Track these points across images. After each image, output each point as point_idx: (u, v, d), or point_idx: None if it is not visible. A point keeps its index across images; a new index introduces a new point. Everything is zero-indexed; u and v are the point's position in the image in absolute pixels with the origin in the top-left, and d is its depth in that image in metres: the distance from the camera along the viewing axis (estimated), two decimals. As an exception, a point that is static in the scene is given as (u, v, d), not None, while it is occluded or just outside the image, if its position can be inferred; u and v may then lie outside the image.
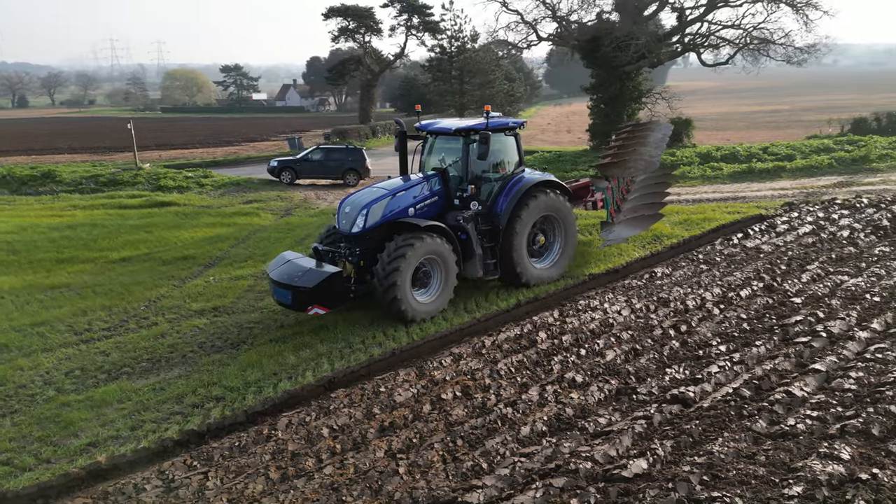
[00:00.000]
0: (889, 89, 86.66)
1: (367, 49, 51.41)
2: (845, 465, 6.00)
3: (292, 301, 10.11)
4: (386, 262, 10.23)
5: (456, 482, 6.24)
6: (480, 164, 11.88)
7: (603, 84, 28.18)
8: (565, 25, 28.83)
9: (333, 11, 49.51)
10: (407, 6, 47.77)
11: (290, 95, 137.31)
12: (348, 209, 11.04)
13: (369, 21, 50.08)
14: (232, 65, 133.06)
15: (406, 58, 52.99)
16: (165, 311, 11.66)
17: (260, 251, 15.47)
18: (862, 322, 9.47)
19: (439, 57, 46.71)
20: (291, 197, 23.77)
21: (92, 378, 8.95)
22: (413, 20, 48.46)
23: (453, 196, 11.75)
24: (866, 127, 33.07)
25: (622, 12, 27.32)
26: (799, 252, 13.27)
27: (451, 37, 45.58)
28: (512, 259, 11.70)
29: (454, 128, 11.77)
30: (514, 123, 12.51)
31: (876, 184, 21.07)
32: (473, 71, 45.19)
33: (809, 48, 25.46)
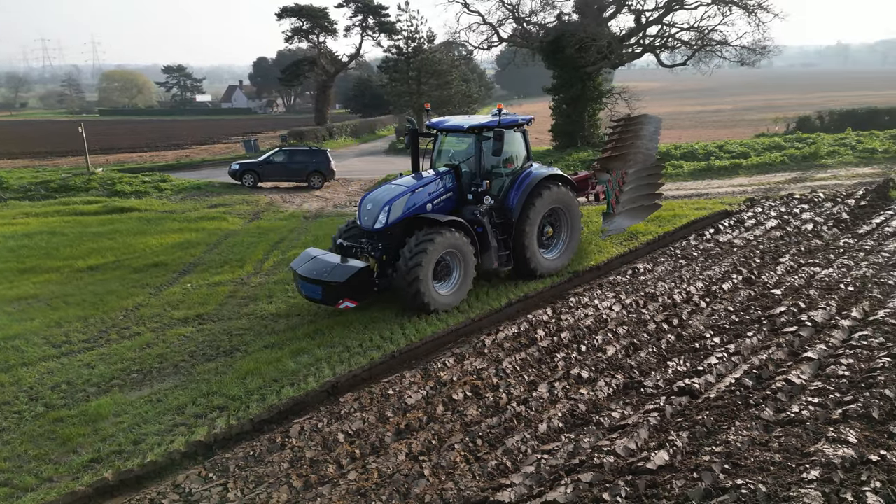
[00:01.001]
0: (823, 89, 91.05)
1: (321, 50, 50.77)
2: (854, 448, 6.27)
3: (323, 295, 10.42)
4: (408, 257, 10.51)
5: (483, 482, 6.25)
6: (492, 160, 12.18)
7: (565, 85, 28.66)
8: (526, 27, 29.17)
9: (287, 11, 48.75)
10: (362, 7, 47.44)
11: (237, 97, 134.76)
12: (370, 206, 11.24)
13: (324, 21, 49.52)
14: (175, 65, 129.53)
15: (361, 58, 52.50)
16: (146, 320, 11.27)
17: (235, 256, 15.12)
18: (842, 311, 9.91)
19: (396, 58, 46.52)
20: (257, 200, 23.30)
21: (81, 392, 8.58)
22: (368, 21, 48.16)
23: (466, 191, 12.09)
24: (810, 125, 34.58)
25: (583, 14, 27.83)
26: (769, 246, 13.78)
27: (407, 37, 45.46)
28: (524, 250, 12.16)
29: (467, 125, 12.07)
30: (523, 120, 12.94)
31: (827, 179, 22.08)
32: (430, 72, 45.19)
33: (761, 49, 26.51)
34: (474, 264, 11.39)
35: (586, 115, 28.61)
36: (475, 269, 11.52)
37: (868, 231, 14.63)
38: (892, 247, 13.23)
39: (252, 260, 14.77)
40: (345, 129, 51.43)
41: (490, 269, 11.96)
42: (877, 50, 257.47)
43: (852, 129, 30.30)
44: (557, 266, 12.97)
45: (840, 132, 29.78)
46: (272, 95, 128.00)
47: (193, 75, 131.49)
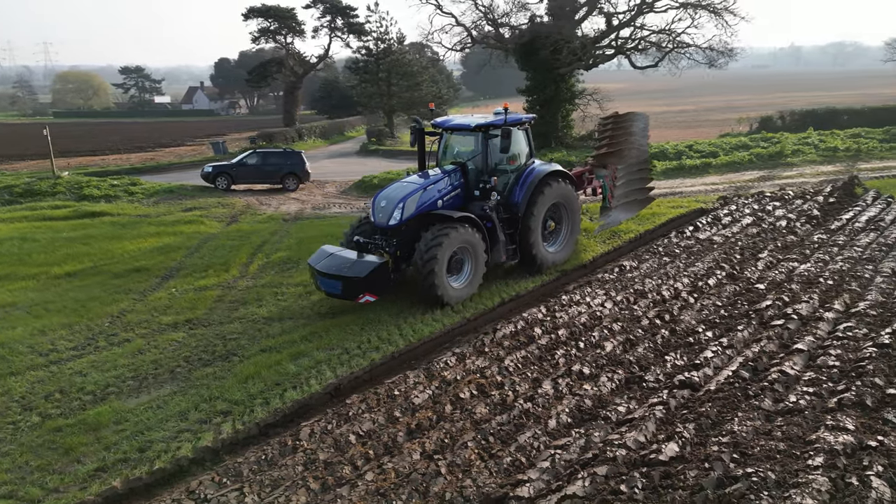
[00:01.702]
0: (779, 90, 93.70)
1: (289, 51, 50.26)
2: (853, 434, 6.53)
3: (343, 290, 10.72)
4: (423, 252, 10.84)
5: (501, 478, 6.33)
6: (497, 158, 12.58)
7: (538, 86, 28.98)
8: (498, 29, 29.39)
9: (254, 12, 48.13)
10: (331, 7, 47.11)
11: (198, 98, 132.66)
12: (384, 203, 11.53)
13: (291, 22, 49.01)
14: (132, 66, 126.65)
15: (331, 59, 52.13)
16: (134, 326, 11.06)
17: (218, 260, 14.91)
18: (825, 304, 10.28)
19: (365, 59, 46.33)
20: (233, 203, 22.98)
21: (76, 400, 8.39)
22: (337, 22, 47.84)
23: (473, 188, 12.38)
24: (773, 125, 35.62)
25: (556, 16, 28.17)
26: (747, 242, 14.19)
27: (377, 39, 45.33)
28: (529, 244, 12.60)
29: (474, 124, 12.39)
30: (527, 119, 13.33)
31: (794, 177, 22.82)
32: (401, 73, 45.15)
33: (728, 51, 27.27)
34: (485, 259, 11.77)
35: (560, 115, 29.00)
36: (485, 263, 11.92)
37: (839, 227, 15.18)
38: (863, 241, 13.75)
39: (236, 263, 14.60)
40: (314, 130, 51.02)
41: (498, 262, 12.36)
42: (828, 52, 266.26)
43: (813, 128, 31.35)
44: (560, 259, 13.47)
45: (801, 132, 30.80)
46: (235, 97, 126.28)
47: (152, 76, 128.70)
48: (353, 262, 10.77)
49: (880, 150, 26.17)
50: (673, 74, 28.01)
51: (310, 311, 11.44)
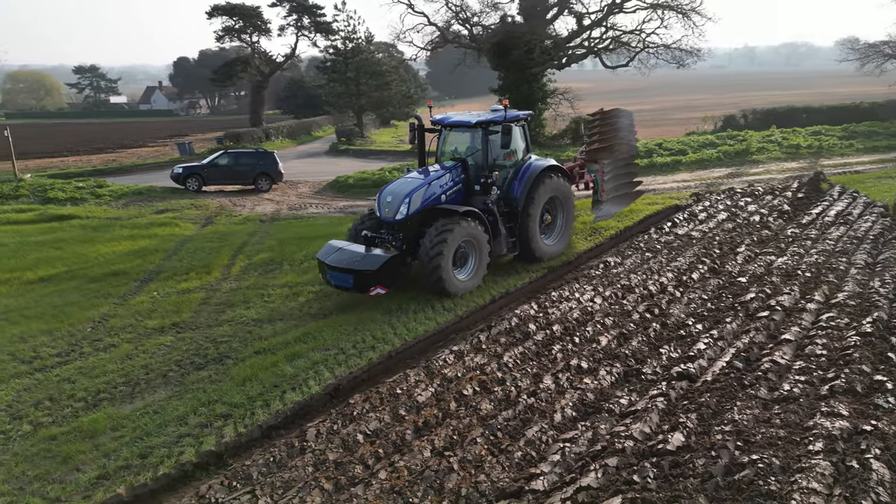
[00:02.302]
0: (735, 89, 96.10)
1: (255, 49, 49.54)
2: (848, 420, 6.78)
3: (354, 283, 10.97)
4: (430, 245, 11.13)
5: (514, 473, 6.40)
6: (496, 153, 12.91)
7: (511, 86, 29.16)
8: (470, 28, 29.52)
9: (218, 10, 47.30)
10: (297, 6, 46.59)
11: (156, 98, 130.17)
12: (390, 198, 11.79)
13: (256, 20, 48.31)
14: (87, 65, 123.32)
15: (297, 59, 51.57)
16: (118, 330, 10.81)
17: (199, 262, 14.66)
18: (805, 295, 10.62)
19: (334, 58, 45.96)
20: (206, 205, 22.58)
21: (68, 408, 8.17)
22: (304, 20, 47.34)
23: (474, 183, 12.70)
24: (736, 123, 36.54)
25: (527, 16, 28.41)
26: (724, 237, 14.55)
27: (345, 38, 45.02)
28: (528, 237, 13.02)
29: (475, 121, 12.65)
30: (524, 115, 13.68)
31: (761, 173, 23.47)
32: (370, 72, 44.93)
33: (696, 52, 27.91)
34: (488, 252, 12.08)
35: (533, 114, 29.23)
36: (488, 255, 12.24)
37: (810, 221, 15.67)
38: (834, 235, 14.24)
39: (218, 265, 14.37)
40: (281, 130, 50.40)
41: (499, 255, 12.69)
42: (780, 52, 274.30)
43: (776, 126, 32.25)
44: (556, 251, 13.89)
45: (763, 130, 31.68)
46: (195, 97, 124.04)
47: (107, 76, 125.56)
48: (364, 256, 11.05)
49: (840, 147, 27.10)
50: (643, 74, 28.55)
51: (299, 312, 11.33)
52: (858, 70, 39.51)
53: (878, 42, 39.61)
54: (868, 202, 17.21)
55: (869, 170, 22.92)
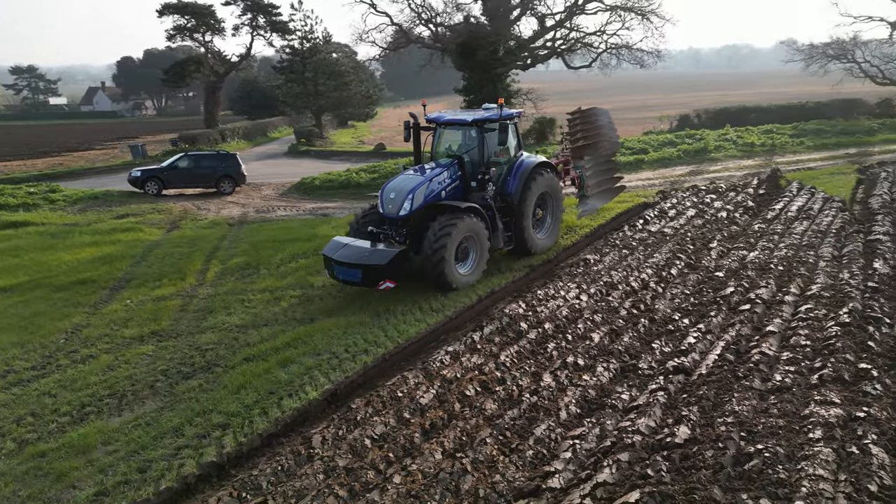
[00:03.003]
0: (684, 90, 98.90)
1: (208, 49, 48.34)
2: (841, 407, 7.05)
3: (363, 278, 11.17)
4: (433, 241, 11.39)
5: (528, 472, 6.43)
6: (491, 151, 13.26)
7: (475, 86, 29.25)
8: (433, 29, 29.49)
9: (169, 8, 45.97)
10: (252, 5, 45.65)
11: (99, 99, 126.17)
12: (393, 195, 12.01)
13: (209, 19, 47.14)
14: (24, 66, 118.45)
15: (252, 58, 50.56)
16: (94, 341, 10.40)
17: (170, 268, 14.22)
18: (781, 288, 10.99)
19: (291, 58, 45.23)
20: (169, 209, 21.92)
21: (53, 423, 7.82)
22: (259, 20, 46.42)
23: (470, 180, 12.98)
24: (690, 122, 37.59)
25: (490, 16, 28.55)
26: (696, 233, 14.93)
27: (302, 37, 44.36)
28: (523, 231, 13.42)
29: (471, 119, 12.98)
30: (516, 114, 14.06)
31: (720, 171, 24.16)
32: (328, 73, 44.39)
33: (657, 52, 28.57)
34: (488, 247, 12.40)
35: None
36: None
37: (774, 216, 16.22)
38: (799, 229, 14.77)
39: (191, 271, 13.97)
40: (237, 131, 49.37)
41: (497, 249, 13.02)
42: (723, 54, 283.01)
43: (730, 125, 33.28)
44: (547, 244, 14.35)
45: (715, 129, 32.67)
46: (140, 97, 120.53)
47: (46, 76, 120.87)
48: (372, 251, 11.26)
49: (792, 145, 28.15)
50: (605, 75, 29.06)
51: (283, 316, 11.12)
52: (803, 71, 41.11)
53: (821, 44, 41.32)
54: (826, 197, 17.92)
55: (821, 166, 23.86)
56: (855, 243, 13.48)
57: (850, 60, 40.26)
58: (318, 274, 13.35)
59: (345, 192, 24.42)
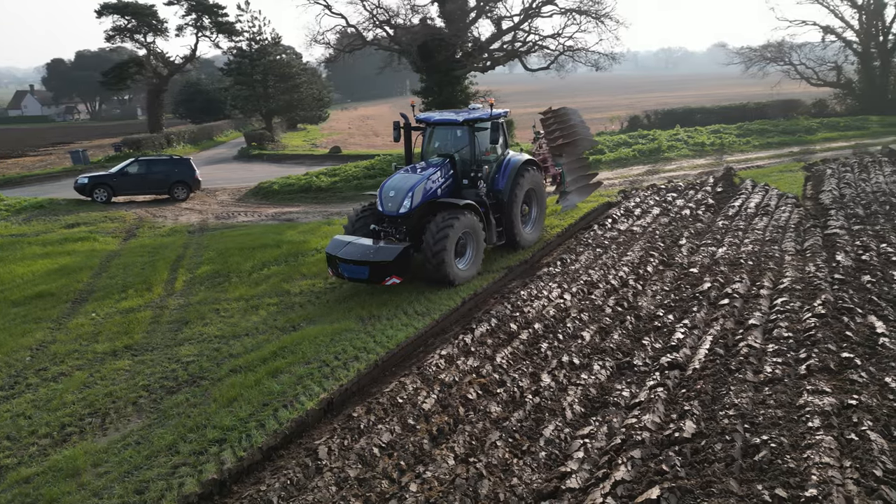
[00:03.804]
0: (627, 92, 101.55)
1: (150, 50, 46.70)
2: (834, 396, 7.32)
3: (370, 274, 11.39)
4: (434, 238, 11.68)
5: (545, 473, 6.42)
6: (482, 149, 13.66)
7: (434, 88, 29.20)
8: (388, 31, 29.30)
9: (108, 8, 44.17)
10: (196, 5, 44.32)
11: (28, 103, 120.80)
12: (393, 193, 12.20)
13: (151, 20, 45.56)
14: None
15: (197, 60, 49.08)
16: (63, 357, 9.87)
17: (135, 279, 13.64)
18: (755, 283, 11.35)
19: (239, 60, 44.16)
20: (122, 217, 21.04)
21: (32, 445, 7.37)
22: (204, 20, 45.12)
23: (462, 178, 13.36)
24: (640, 123, 38.56)
25: (447, 19, 28.57)
26: (664, 231, 15.28)
27: (249, 39, 43.38)
28: (513, 226, 13.90)
29: (462, 118, 13.35)
30: (503, 113, 14.36)
31: (675, 170, 24.83)
32: (278, 74, 43.53)
33: (613, 55, 29.19)
34: (484, 240, 12.83)
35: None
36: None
37: (735, 213, 16.77)
38: (760, 225, 15.32)
39: (158, 281, 13.44)
40: (182, 136, 47.89)
41: (490, 244, 13.43)
42: (659, 57, 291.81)
43: (674, 126, 34.29)
44: (533, 238, 14.88)
45: (664, 129, 33.62)
46: (73, 101, 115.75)
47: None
48: (377, 248, 11.50)
49: (739, 144, 29.20)
50: (561, 77, 29.50)
51: (264, 326, 10.81)
52: (743, 73, 42.75)
53: (759, 47, 43.07)
54: (780, 194, 18.65)
55: (769, 164, 24.84)
56: (814, 237, 14.05)
57: (787, 63, 42.13)
58: (293, 281, 13.06)
59: (306, 196, 23.99)
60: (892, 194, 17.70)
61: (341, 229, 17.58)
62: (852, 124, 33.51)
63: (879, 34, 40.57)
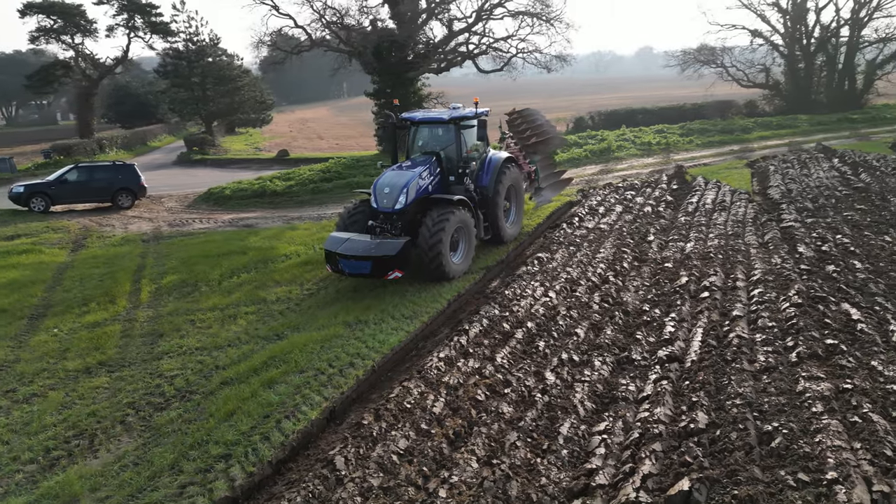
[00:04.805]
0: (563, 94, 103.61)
1: (79, 52, 44.39)
2: (829, 381, 7.63)
3: (372, 269, 11.54)
4: (429, 234, 11.91)
5: (571, 471, 6.42)
6: (470, 146, 13.96)
7: (386, 89, 28.92)
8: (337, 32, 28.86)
9: (32, 7, 41.72)
10: (127, 5, 42.36)
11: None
12: (387, 190, 12.39)
13: (79, 20, 43.32)
14: None
15: (130, 62, 46.99)
16: (32, 377, 9.23)
17: (94, 291, 12.90)
18: (729, 275, 11.74)
19: (176, 62, 42.56)
20: (66, 227, 19.88)
21: (18, 473, 6.85)
22: (136, 20, 43.23)
23: (448, 175, 13.62)
24: (585, 124, 39.42)
25: (399, 21, 28.37)
26: (630, 228, 15.63)
27: (186, 40, 41.90)
28: (497, 221, 14.23)
29: (448, 117, 13.62)
30: (484, 112, 14.70)
31: (627, 169, 25.49)
32: (217, 77, 42.19)
33: (564, 57, 29.73)
34: (475, 237, 13.19)
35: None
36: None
37: (694, 209, 17.33)
38: (720, 220, 15.87)
39: (120, 293, 12.75)
40: (115, 141, 45.77)
41: (478, 239, 13.63)
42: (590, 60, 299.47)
43: (617, 127, 35.26)
44: (514, 233, 15.25)
45: (606, 129, 34.51)
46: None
47: None
48: (379, 243, 11.64)
49: (683, 143, 30.26)
50: (513, 79, 29.81)
51: (246, 335, 10.42)
52: (679, 75, 44.40)
53: (692, 50, 44.83)
54: (733, 190, 19.41)
55: (714, 162, 25.82)
56: (773, 231, 14.66)
57: (719, 65, 43.99)
58: (268, 288, 12.65)
59: (260, 201, 23.32)
60: (834, 188, 18.70)
61: (304, 234, 17.38)
62: (784, 123, 35.28)
63: (803, 38, 42.93)
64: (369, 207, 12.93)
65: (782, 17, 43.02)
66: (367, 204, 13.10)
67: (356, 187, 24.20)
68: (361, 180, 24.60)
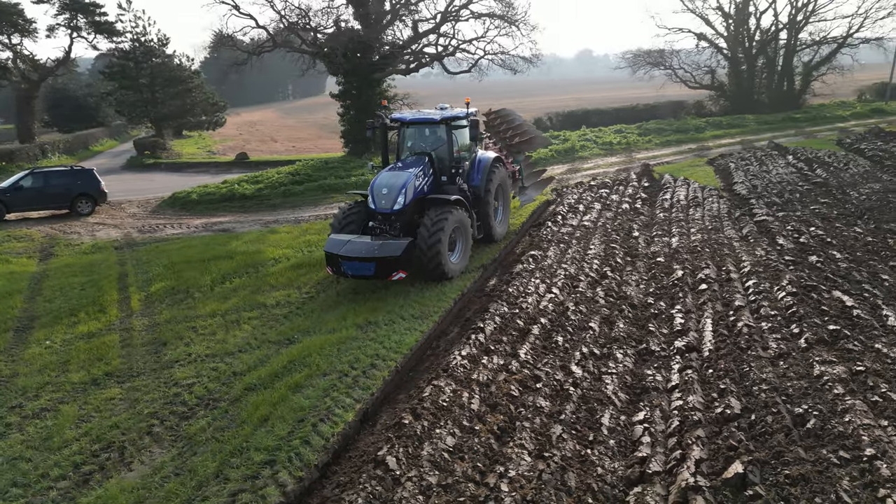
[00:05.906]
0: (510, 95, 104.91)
1: (17, 53, 42.25)
2: (843, 364, 8.07)
3: (376, 271, 11.52)
4: (428, 234, 11.91)
5: (623, 461, 6.58)
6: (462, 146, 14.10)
7: (351, 91, 28.66)
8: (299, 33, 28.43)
9: (-35, 6, 39.47)
10: (69, 3, 40.62)
11: None
12: (386, 191, 12.38)
13: (16, 19, 41.24)
14: None
15: (73, 63, 44.99)
16: (36, 391, 8.82)
17: (81, 301, 12.37)
18: (721, 268, 12.21)
19: (122, 63, 41.02)
20: (28, 235, 18.96)
21: (51, 490, 6.55)
22: (78, 20, 41.45)
23: (440, 174, 13.60)
24: (543, 125, 40.07)
25: (364, 23, 28.17)
26: (613, 225, 16.03)
27: (133, 40, 40.45)
28: (488, 220, 14.36)
29: (440, 117, 13.55)
30: (474, 112, 14.87)
31: (594, 168, 26.07)
32: (167, 78, 40.88)
33: (532, 59, 30.11)
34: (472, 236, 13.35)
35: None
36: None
37: (669, 205, 17.90)
38: (697, 216, 16.46)
39: (109, 302, 12.27)
40: (57, 146, 43.76)
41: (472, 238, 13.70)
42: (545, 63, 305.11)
43: (576, 127, 36.03)
44: (503, 232, 15.43)
45: (564, 130, 35.23)
46: None
47: None
48: (381, 244, 11.64)
49: (643, 143, 31.16)
50: (479, 80, 30.04)
51: (255, 341, 10.21)
52: (631, 76, 45.68)
53: (642, 52, 46.18)
54: (702, 187, 20.13)
55: (676, 160, 26.70)
56: (749, 225, 15.31)
57: (668, 67, 45.49)
58: (265, 293, 12.42)
59: (230, 205, 22.78)
60: (795, 184, 19.65)
61: (286, 237, 17.11)
62: (734, 122, 36.76)
63: (745, 41, 44.85)
64: (364, 208, 12.88)
65: (725, 20, 44.88)
66: (362, 205, 13.03)
67: (328, 190, 24.00)
68: (333, 182, 24.38)
